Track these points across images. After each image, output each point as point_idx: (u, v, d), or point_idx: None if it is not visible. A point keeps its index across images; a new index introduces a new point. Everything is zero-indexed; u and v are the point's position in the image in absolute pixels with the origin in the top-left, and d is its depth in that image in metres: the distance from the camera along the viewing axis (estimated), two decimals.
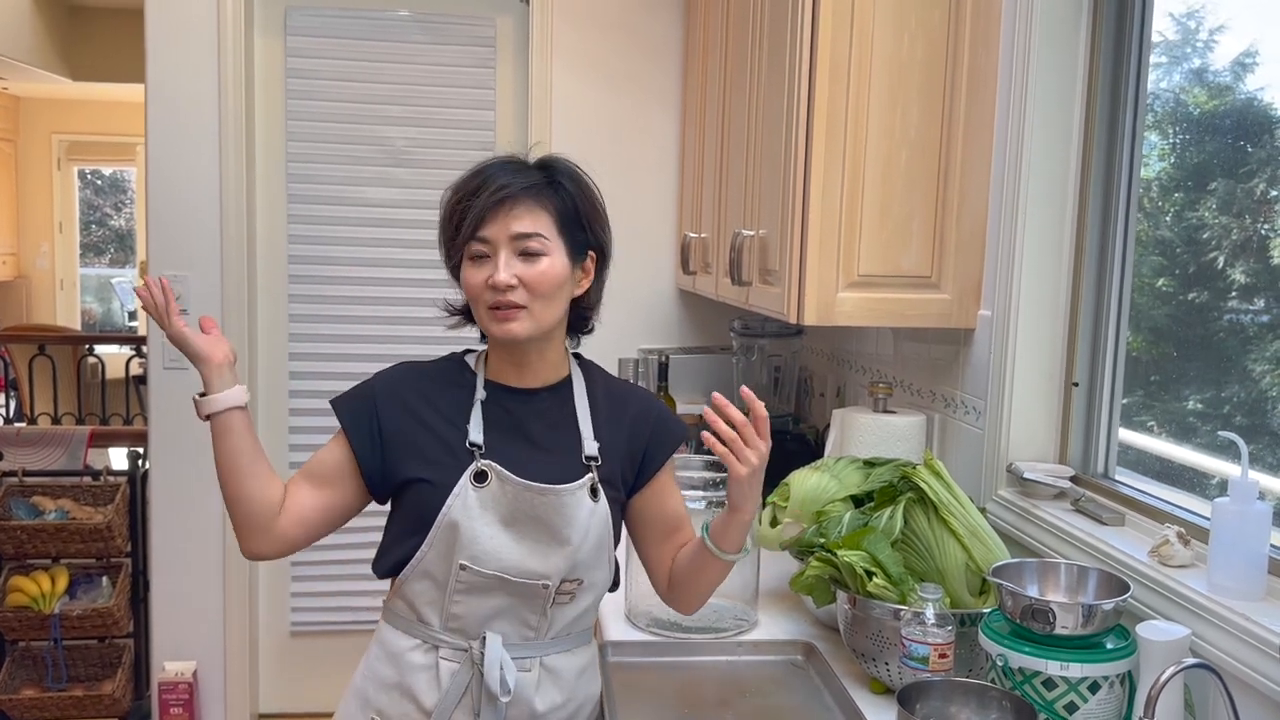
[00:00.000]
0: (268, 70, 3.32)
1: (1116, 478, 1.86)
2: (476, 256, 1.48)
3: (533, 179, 1.50)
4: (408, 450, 1.51)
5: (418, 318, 3.32)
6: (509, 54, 3.39)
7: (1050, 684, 1.40)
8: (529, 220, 1.47)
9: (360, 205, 3.37)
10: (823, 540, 1.72)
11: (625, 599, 1.95)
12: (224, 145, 3.20)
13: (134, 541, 3.47)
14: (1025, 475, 1.86)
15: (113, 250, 11.18)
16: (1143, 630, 1.38)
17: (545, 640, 1.54)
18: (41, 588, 3.33)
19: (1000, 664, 1.44)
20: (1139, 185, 1.84)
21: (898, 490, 1.72)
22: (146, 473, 3.39)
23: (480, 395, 1.54)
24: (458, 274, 1.55)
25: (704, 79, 3.01)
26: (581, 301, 1.57)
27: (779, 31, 2.15)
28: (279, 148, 3.35)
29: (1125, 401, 1.88)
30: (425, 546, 1.48)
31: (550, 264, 1.48)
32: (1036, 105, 1.86)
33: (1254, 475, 1.39)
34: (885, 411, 2.15)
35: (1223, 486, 1.43)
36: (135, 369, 5.64)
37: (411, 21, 3.34)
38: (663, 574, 1.62)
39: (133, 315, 10.08)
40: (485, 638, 1.50)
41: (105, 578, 3.44)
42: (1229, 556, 1.40)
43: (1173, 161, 1.89)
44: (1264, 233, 1.65)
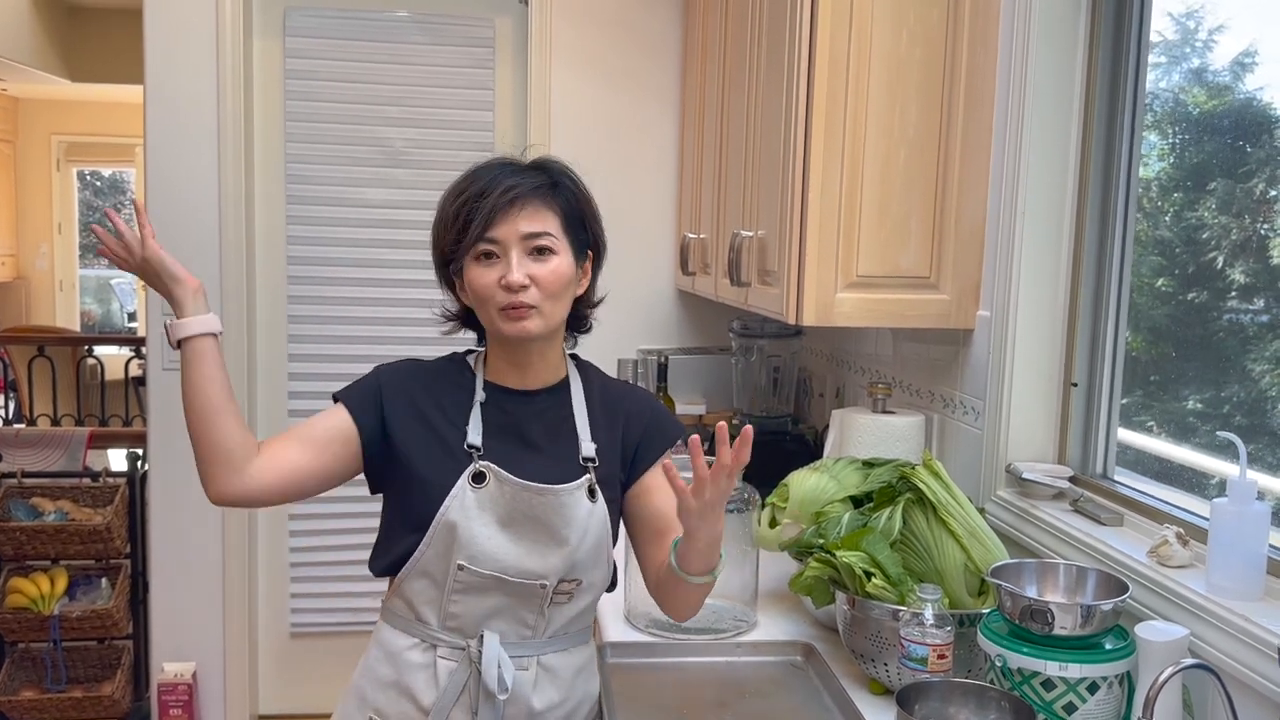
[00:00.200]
0: (266, 71, 3.32)
1: (1115, 478, 1.86)
2: (484, 257, 1.48)
3: (539, 179, 1.50)
4: (409, 446, 1.51)
5: (417, 318, 3.31)
6: (508, 54, 3.39)
7: (1049, 684, 1.40)
8: (538, 220, 1.48)
9: (359, 206, 3.37)
10: (822, 541, 1.72)
11: (624, 600, 1.95)
12: (223, 146, 3.20)
13: (133, 543, 3.47)
14: (1024, 475, 1.86)
15: None
16: (1141, 631, 1.38)
17: (543, 639, 1.54)
18: (41, 589, 3.33)
19: (999, 664, 1.44)
20: (1138, 185, 1.84)
21: (897, 491, 1.72)
22: (146, 474, 3.39)
23: (480, 397, 1.54)
24: (448, 277, 1.55)
25: (703, 78, 3.01)
26: (580, 300, 1.58)
27: (778, 30, 2.15)
28: (278, 149, 3.34)
29: (1124, 401, 1.87)
30: (423, 546, 1.48)
31: (559, 262, 1.49)
32: (1035, 105, 1.86)
33: (1253, 475, 1.39)
34: (884, 412, 2.15)
35: (1222, 487, 1.43)
36: (134, 370, 5.63)
37: (410, 22, 3.34)
38: (653, 576, 1.60)
39: (132, 316, 10.08)
40: (483, 636, 1.50)
41: (104, 579, 3.44)
42: (1227, 557, 1.40)
43: (1172, 161, 1.89)
44: (1263, 232, 1.64)
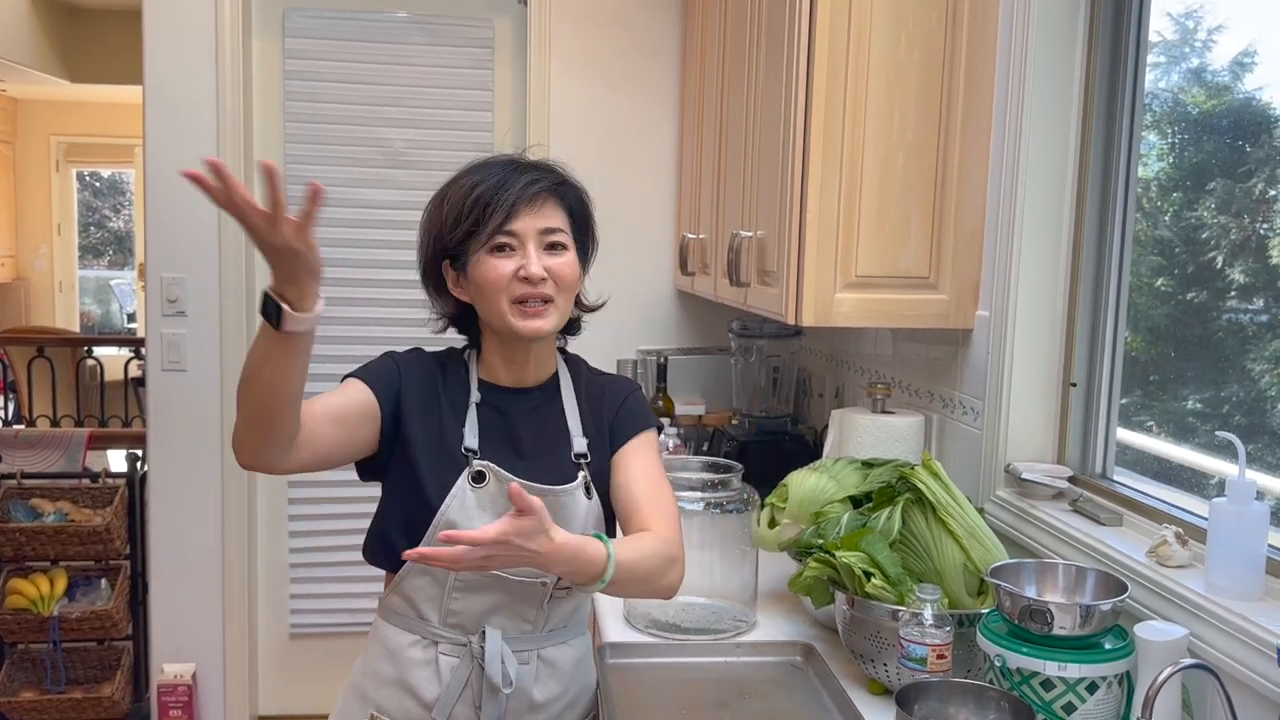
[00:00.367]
0: (266, 72, 3.32)
1: (1115, 478, 1.86)
2: (498, 249, 1.48)
3: (554, 177, 1.53)
4: (416, 438, 1.51)
5: (416, 318, 3.29)
6: (507, 55, 3.39)
7: (1048, 684, 1.40)
8: (555, 216, 1.51)
9: (358, 206, 3.36)
10: (821, 541, 1.72)
11: (624, 600, 1.95)
12: (222, 147, 3.20)
13: (133, 543, 3.47)
14: (1023, 475, 1.85)
15: (111, 252, 11.19)
16: (1141, 630, 1.38)
17: (542, 634, 1.55)
18: (40, 590, 3.33)
19: (998, 664, 1.44)
20: (1137, 185, 1.84)
21: (896, 491, 1.72)
22: (145, 475, 3.38)
23: (475, 397, 1.55)
24: (437, 275, 1.56)
25: (702, 79, 3.01)
26: (575, 303, 1.59)
27: (777, 32, 2.15)
28: (277, 149, 3.34)
29: (1124, 401, 1.87)
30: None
31: (571, 258, 1.52)
32: (1034, 105, 1.86)
33: (1252, 475, 1.39)
34: (883, 412, 2.15)
35: (1221, 486, 1.43)
36: (134, 371, 5.63)
37: (409, 23, 3.34)
38: None
39: (131, 317, 10.08)
40: (485, 632, 1.50)
41: (104, 580, 3.44)
42: (1227, 557, 1.40)
43: (1171, 161, 1.89)
44: (1263, 232, 1.64)
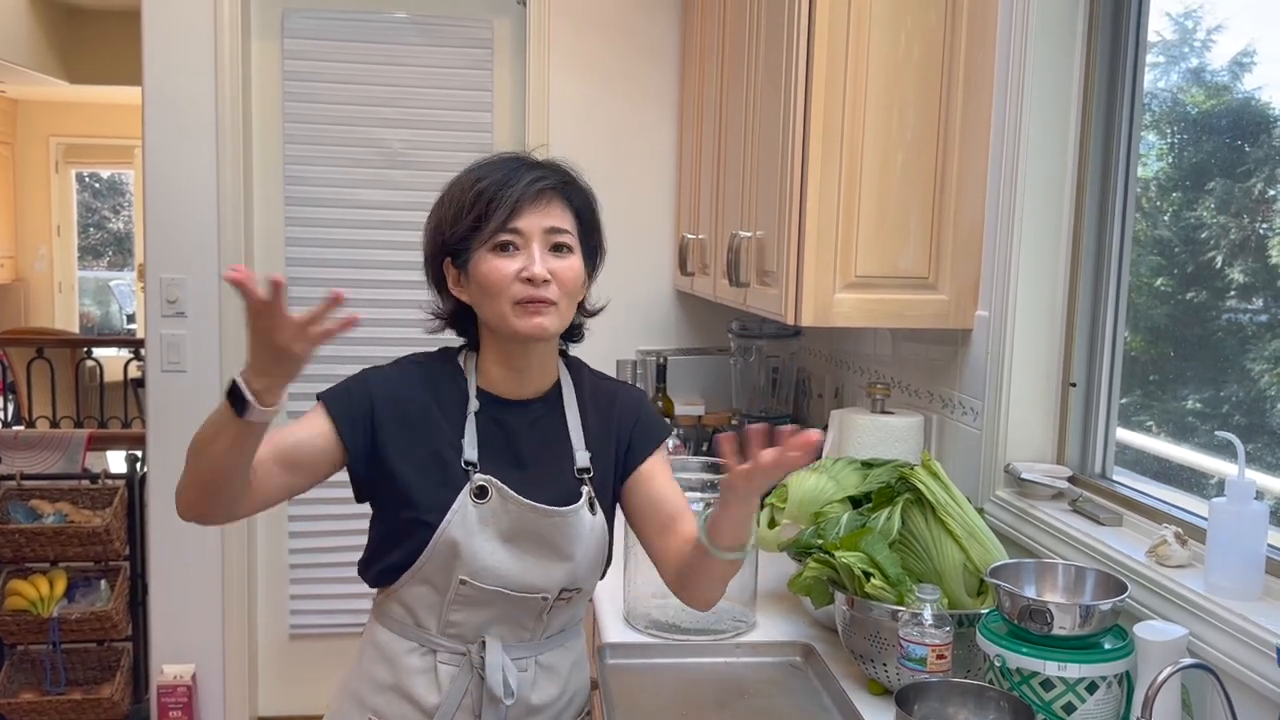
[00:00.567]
0: (265, 73, 3.32)
1: (1114, 478, 1.86)
2: (502, 248, 1.43)
3: (562, 176, 1.48)
4: (404, 464, 1.46)
5: (414, 319, 3.28)
6: (506, 56, 3.39)
7: (1048, 684, 1.40)
8: (561, 216, 1.46)
9: (357, 207, 3.37)
10: (820, 541, 1.72)
11: (623, 601, 1.95)
12: (221, 147, 3.20)
13: (132, 545, 3.47)
14: (1023, 475, 1.85)
15: (111, 253, 11.20)
16: (1140, 630, 1.38)
17: (540, 641, 1.54)
18: (40, 591, 3.32)
19: (998, 664, 1.44)
20: (1136, 185, 1.84)
21: (895, 491, 1.72)
22: (145, 476, 3.38)
23: (473, 406, 1.50)
24: (439, 273, 1.52)
25: (701, 80, 3.01)
26: (578, 307, 1.55)
27: (776, 32, 2.15)
28: (276, 150, 3.34)
29: (1123, 401, 1.87)
30: (422, 559, 1.46)
31: (575, 261, 1.47)
32: (1033, 105, 1.86)
33: (1251, 475, 1.39)
34: (883, 412, 2.15)
35: (1220, 486, 1.43)
36: (133, 372, 5.62)
37: (408, 24, 3.34)
38: (669, 568, 1.53)
39: (131, 318, 10.08)
40: (485, 642, 1.49)
41: (104, 581, 3.44)
42: (1226, 556, 1.40)
43: (1171, 161, 1.89)
44: (1262, 232, 1.64)
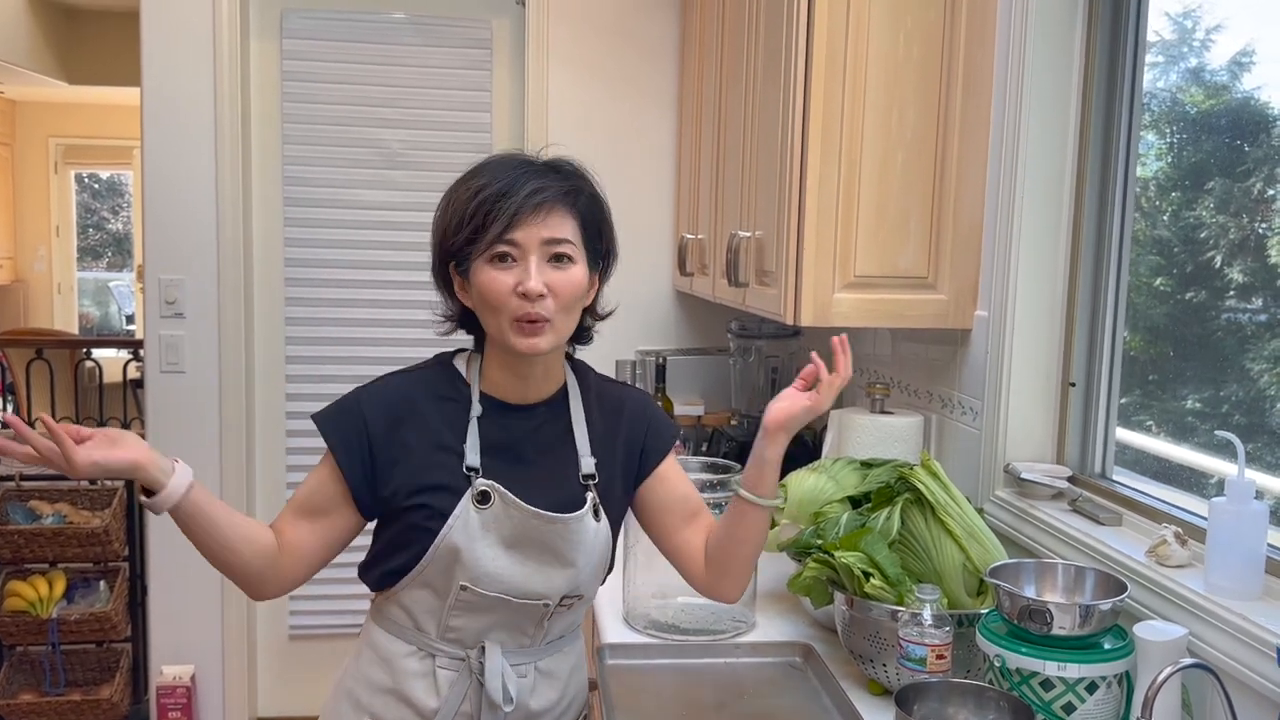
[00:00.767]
0: (263, 73, 3.32)
1: (1114, 478, 1.86)
2: (499, 259, 1.41)
3: (565, 184, 1.44)
4: (402, 475, 1.45)
5: (413, 319, 3.31)
6: (505, 56, 3.39)
7: (1048, 684, 1.40)
8: (561, 227, 1.42)
9: (356, 207, 3.37)
10: (820, 541, 1.72)
11: (623, 601, 1.95)
12: (220, 148, 3.20)
13: (131, 545, 3.47)
14: (1022, 475, 1.85)
15: (110, 254, 11.19)
16: (1140, 630, 1.38)
17: (540, 646, 1.53)
18: (39, 592, 3.32)
19: (998, 665, 1.44)
20: (1135, 184, 1.84)
21: (895, 491, 1.72)
22: None
23: (476, 411, 1.48)
24: (446, 275, 1.49)
25: (700, 80, 3.01)
26: (586, 311, 1.52)
27: (774, 32, 2.15)
28: (275, 150, 3.34)
29: (1123, 401, 1.87)
30: (424, 563, 1.45)
31: (576, 272, 1.43)
32: (1032, 104, 1.86)
33: (1251, 474, 1.38)
34: (882, 412, 2.15)
35: (1220, 486, 1.43)
36: (133, 373, 5.62)
37: (407, 24, 3.34)
38: (696, 559, 1.54)
39: (130, 319, 10.07)
40: (484, 648, 1.48)
41: (103, 582, 3.44)
42: (1226, 556, 1.40)
43: (1170, 161, 1.89)
44: (1261, 232, 1.64)
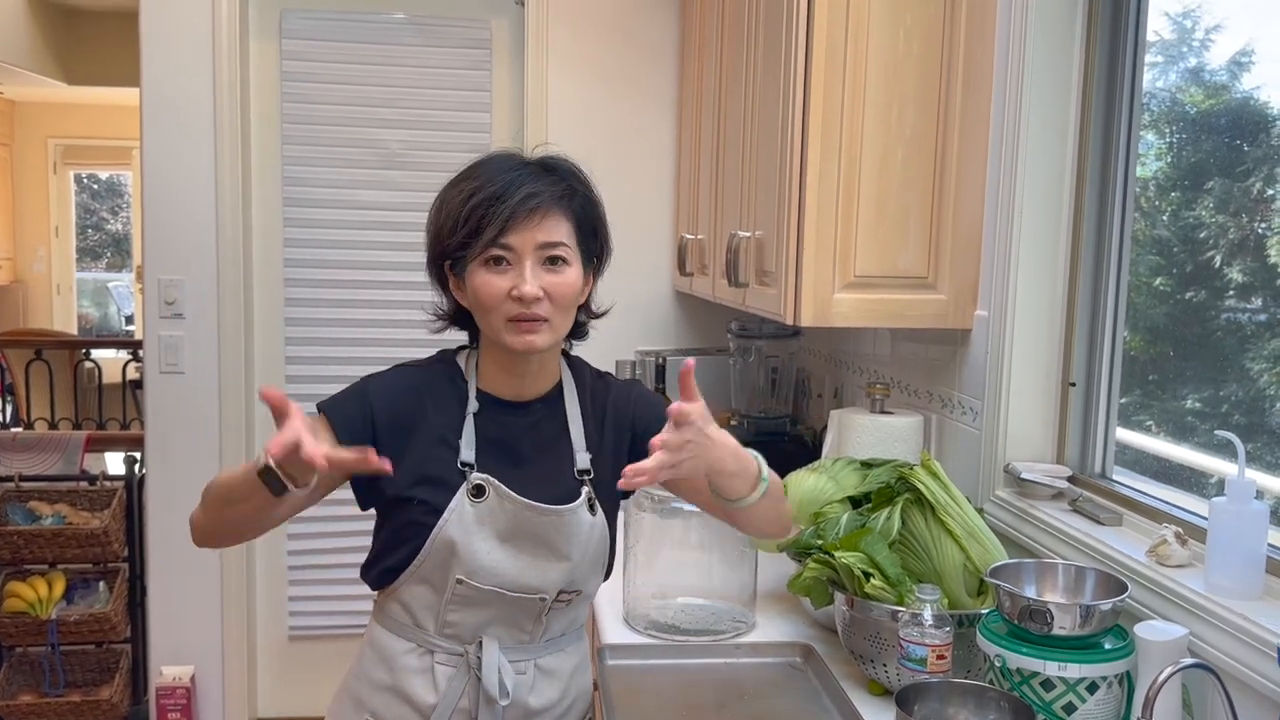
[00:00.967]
0: (263, 73, 3.32)
1: (1114, 477, 1.86)
2: (494, 262, 1.42)
3: (558, 187, 1.44)
4: (403, 468, 1.45)
5: (413, 319, 3.28)
6: (504, 56, 3.39)
7: (1048, 684, 1.40)
8: (555, 230, 1.43)
9: (356, 208, 3.36)
10: (820, 542, 1.72)
11: (623, 601, 1.95)
12: (219, 148, 3.20)
13: (131, 546, 3.47)
14: (1023, 475, 1.85)
15: (109, 254, 11.20)
16: (1141, 630, 1.38)
17: (540, 643, 1.53)
18: (38, 593, 3.32)
19: (998, 665, 1.44)
20: (1135, 184, 1.84)
21: (895, 491, 1.72)
22: (143, 477, 3.38)
23: (472, 408, 1.50)
24: (442, 274, 1.50)
25: (699, 80, 3.01)
26: (581, 308, 1.53)
27: (774, 31, 2.15)
28: (274, 151, 3.34)
29: (1123, 401, 1.87)
30: (420, 558, 1.46)
31: (571, 274, 1.44)
32: (1032, 103, 1.86)
33: (1251, 474, 1.38)
34: (882, 412, 2.15)
35: (1220, 486, 1.43)
36: (132, 373, 5.62)
37: (406, 24, 3.34)
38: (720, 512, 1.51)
39: (130, 320, 10.07)
40: (482, 642, 1.49)
41: (102, 583, 3.44)
42: (1226, 556, 1.39)
43: (1169, 160, 1.89)
44: (1261, 231, 1.64)
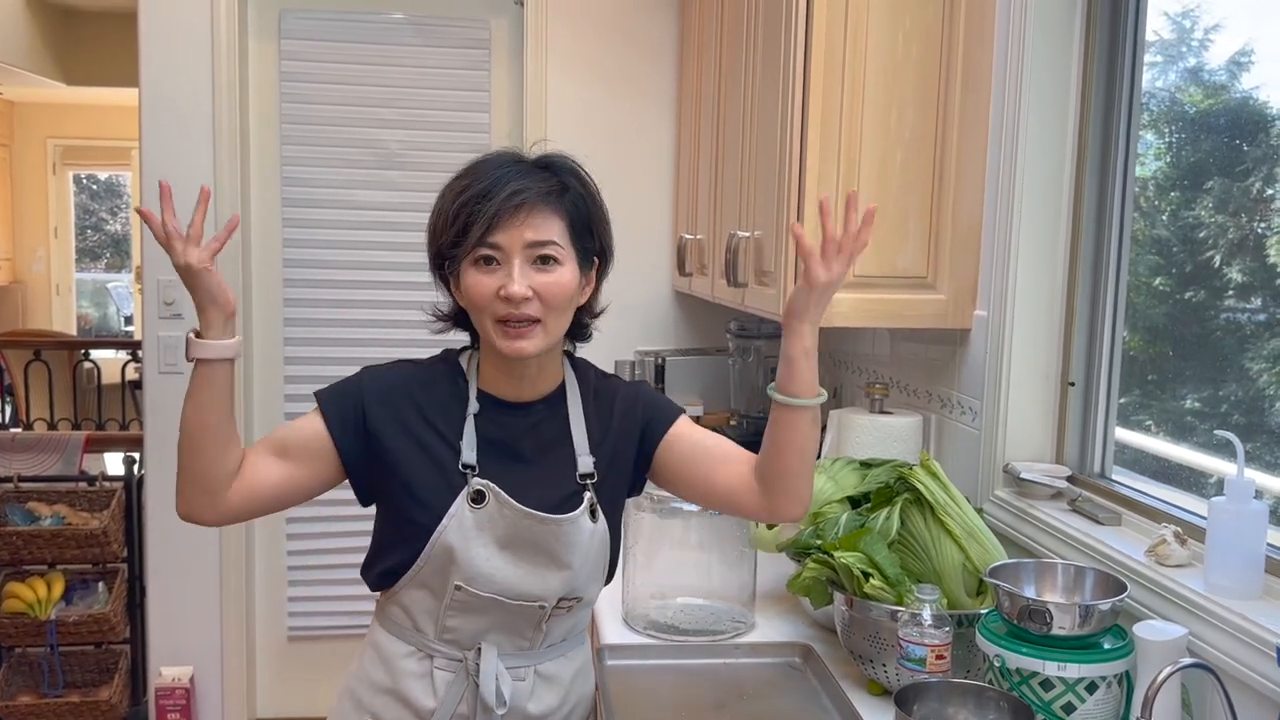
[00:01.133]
0: (262, 73, 3.32)
1: (1113, 477, 1.86)
2: (483, 262, 1.40)
3: (548, 184, 1.41)
4: (399, 465, 1.45)
5: (412, 319, 3.28)
6: (503, 56, 3.39)
7: (1048, 684, 1.39)
8: (544, 228, 1.40)
9: (355, 208, 3.36)
10: (819, 542, 1.72)
11: (622, 602, 1.95)
12: (218, 149, 3.19)
13: (130, 547, 3.46)
14: (1022, 475, 1.85)
15: (108, 255, 11.19)
16: (1140, 630, 1.38)
17: (540, 650, 1.52)
18: (37, 594, 3.32)
19: (998, 665, 1.44)
20: (1134, 184, 1.84)
21: (894, 491, 1.72)
22: (142, 478, 3.38)
23: (473, 409, 1.48)
24: (444, 275, 1.48)
25: (699, 80, 3.01)
26: (582, 309, 1.51)
27: (773, 31, 2.15)
28: (273, 151, 3.34)
29: (1122, 401, 1.87)
30: (420, 562, 1.45)
31: (563, 273, 1.41)
32: (1031, 104, 1.86)
33: (1250, 474, 1.38)
34: (882, 412, 2.15)
35: (1220, 485, 1.43)
36: (131, 374, 5.62)
37: (406, 24, 3.34)
38: (745, 492, 1.47)
39: (129, 320, 10.07)
40: (480, 649, 1.48)
41: (101, 583, 3.44)
42: (1226, 556, 1.39)
43: (1169, 160, 1.89)
44: (1260, 231, 1.64)
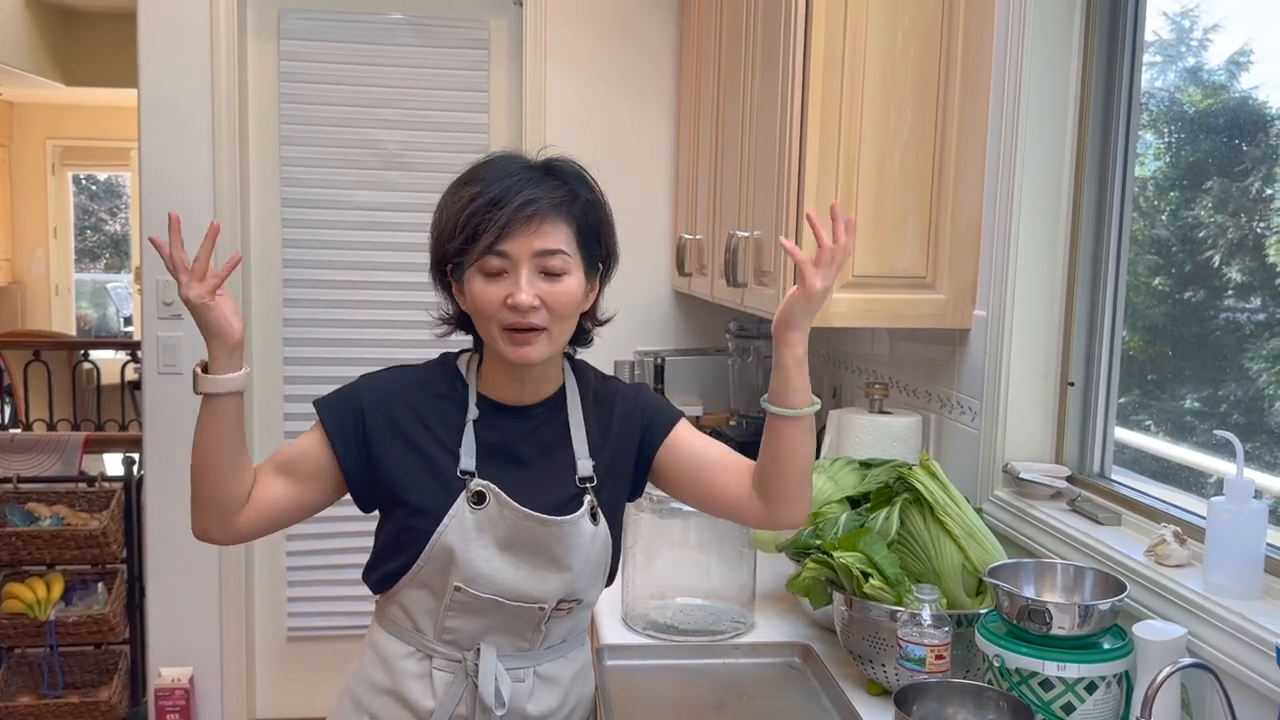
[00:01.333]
0: (261, 74, 3.32)
1: (1113, 477, 1.86)
2: (490, 268, 1.39)
3: (558, 193, 1.41)
4: (396, 470, 1.45)
5: (412, 320, 3.30)
6: (503, 56, 3.39)
7: (1047, 684, 1.39)
8: (553, 237, 1.39)
9: (354, 208, 3.36)
10: (819, 542, 1.72)
11: (621, 602, 1.95)
12: (218, 149, 3.19)
13: (129, 547, 3.46)
14: (1021, 475, 1.85)
15: (108, 255, 11.20)
16: (1139, 630, 1.38)
17: (539, 651, 1.52)
18: (37, 594, 3.32)
19: (997, 665, 1.44)
20: (1134, 184, 1.84)
21: (894, 491, 1.72)
22: (142, 478, 3.38)
23: (473, 414, 1.48)
24: (445, 279, 1.48)
25: (698, 80, 3.01)
26: (585, 315, 1.51)
27: (772, 31, 2.15)
28: (273, 151, 3.34)
29: (1121, 401, 1.87)
30: (419, 564, 1.45)
31: (570, 282, 1.41)
32: (1030, 104, 1.86)
33: (1250, 474, 1.38)
34: (881, 412, 2.15)
35: (1219, 485, 1.43)
36: (130, 374, 5.62)
37: (405, 24, 3.34)
38: (744, 500, 1.49)
39: (128, 321, 10.07)
40: (479, 650, 1.48)
41: (101, 584, 3.44)
42: (1225, 556, 1.39)
43: (1168, 160, 1.89)
44: (1259, 231, 1.64)
